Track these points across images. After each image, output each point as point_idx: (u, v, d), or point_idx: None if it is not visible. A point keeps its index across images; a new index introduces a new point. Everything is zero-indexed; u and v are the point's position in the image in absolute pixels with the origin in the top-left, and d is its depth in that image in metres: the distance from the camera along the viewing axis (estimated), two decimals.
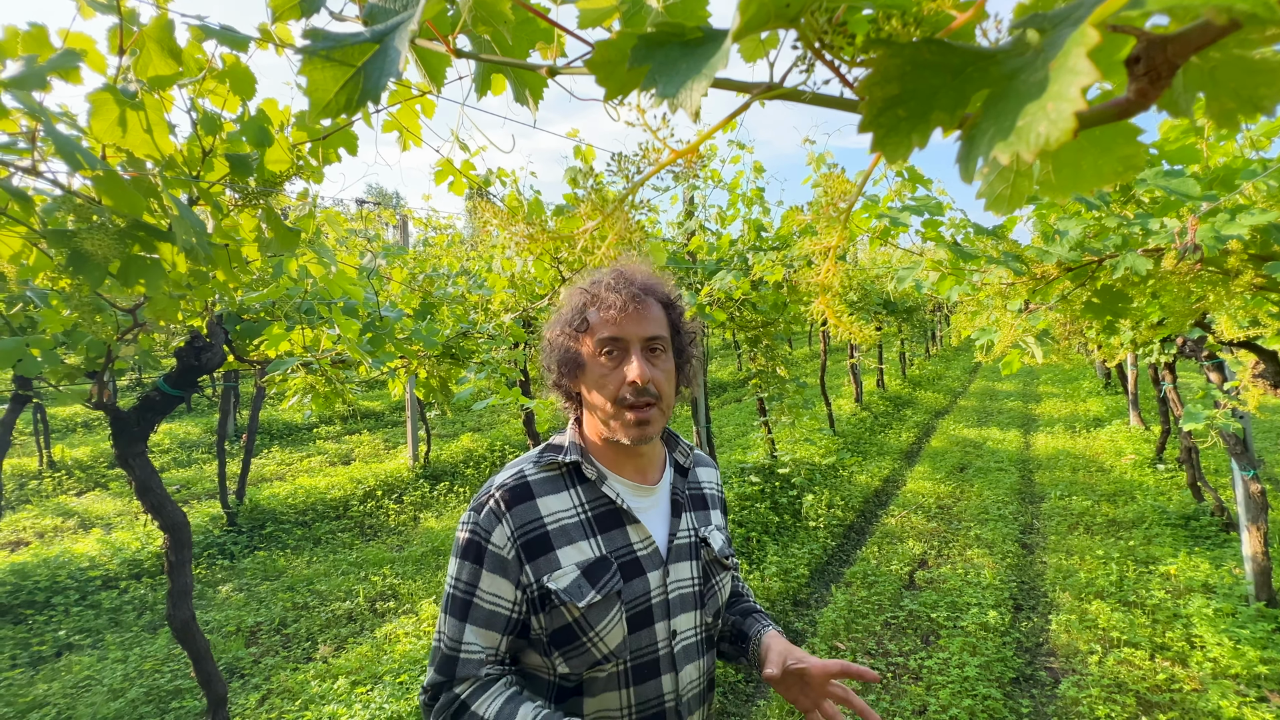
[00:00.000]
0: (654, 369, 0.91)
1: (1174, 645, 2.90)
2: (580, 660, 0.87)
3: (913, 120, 0.21)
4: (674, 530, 0.96)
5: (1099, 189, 1.62)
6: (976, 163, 0.20)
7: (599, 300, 0.92)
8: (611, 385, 0.90)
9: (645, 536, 0.93)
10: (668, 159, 0.32)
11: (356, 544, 4.78)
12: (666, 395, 0.93)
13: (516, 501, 0.89)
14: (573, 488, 0.93)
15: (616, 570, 0.88)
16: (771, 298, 3.64)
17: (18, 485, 5.98)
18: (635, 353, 0.90)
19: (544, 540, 0.88)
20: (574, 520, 0.90)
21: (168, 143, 0.90)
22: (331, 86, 0.32)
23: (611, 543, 0.90)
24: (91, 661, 3.15)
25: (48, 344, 1.67)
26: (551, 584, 0.85)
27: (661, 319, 0.94)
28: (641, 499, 0.96)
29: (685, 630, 0.94)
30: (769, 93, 0.31)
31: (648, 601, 0.90)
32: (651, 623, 0.90)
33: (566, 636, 0.86)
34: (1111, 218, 1.55)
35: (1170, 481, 5.04)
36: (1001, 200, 0.36)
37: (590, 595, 0.85)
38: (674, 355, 0.96)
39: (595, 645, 0.87)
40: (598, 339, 0.91)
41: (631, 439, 0.90)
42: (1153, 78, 0.22)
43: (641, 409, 0.89)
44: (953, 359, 15.83)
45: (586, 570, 0.87)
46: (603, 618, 0.86)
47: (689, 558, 0.96)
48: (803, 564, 3.94)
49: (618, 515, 0.92)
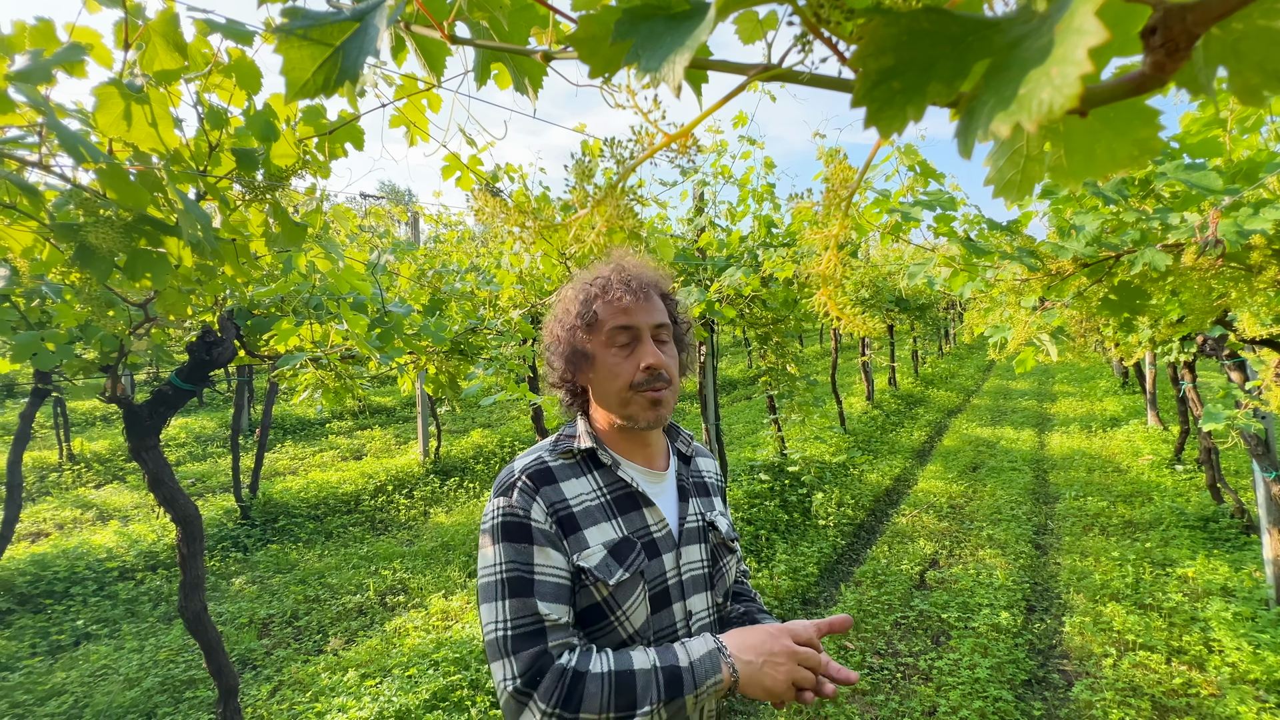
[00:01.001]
0: (664, 355, 0.96)
1: (1191, 649, 2.85)
2: (605, 641, 0.89)
3: (908, 93, 0.20)
4: (683, 514, 1.00)
5: (1114, 176, 1.58)
6: (975, 136, 0.19)
7: (606, 293, 0.96)
8: (626, 372, 0.94)
9: (660, 519, 0.96)
10: (660, 143, 0.31)
11: (367, 538, 4.82)
12: (675, 379, 0.97)
13: (542, 483, 0.91)
14: (590, 473, 0.96)
15: (641, 549, 0.91)
16: (782, 294, 3.61)
17: (38, 477, 6.09)
18: (648, 339, 0.95)
19: (572, 520, 0.90)
20: (596, 502, 0.93)
21: (173, 136, 0.90)
22: (309, 66, 0.31)
23: (631, 524, 0.93)
24: (108, 651, 3.21)
25: (63, 338, 1.69)
26: (582, 562, 0.87)
27: (663, 309, 0.99)
28: (653, 484, 0.99)
29: (699, 611, 0.97)
30: (766, 73, 0.30)
31: (664, 582, 0.93)
32: (669, 603, 0.93)
33: (594, 616, 0.88)
34: (1130, 212, 1.52)
35: (1189, 482, 4.95)
36: (1011, 186, 0.34)
37: (619, 573, 0.88)
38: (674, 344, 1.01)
39: (621, 624, 0.88)
40: (609, 329, 0.94)
41: (649, 420, 0.94)
42: (1170, 49, 0.20)
43: (657, 391, 0.94)
44: (966, 357, 15.65)
45: (613, 550, 0.89)
46: (629, 596, 0.88)
47: (698, 540, 1.00)
48: (812, 562, 3.92)
49: (634, 498, 0.95)
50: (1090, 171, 0.32)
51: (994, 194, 0.37)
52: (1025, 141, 0.35)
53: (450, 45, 0.49)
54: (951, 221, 1.81)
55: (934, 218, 1.74)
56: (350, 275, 1.93)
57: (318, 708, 2.65)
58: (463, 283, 3.51)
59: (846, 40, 0.27)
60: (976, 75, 0.20)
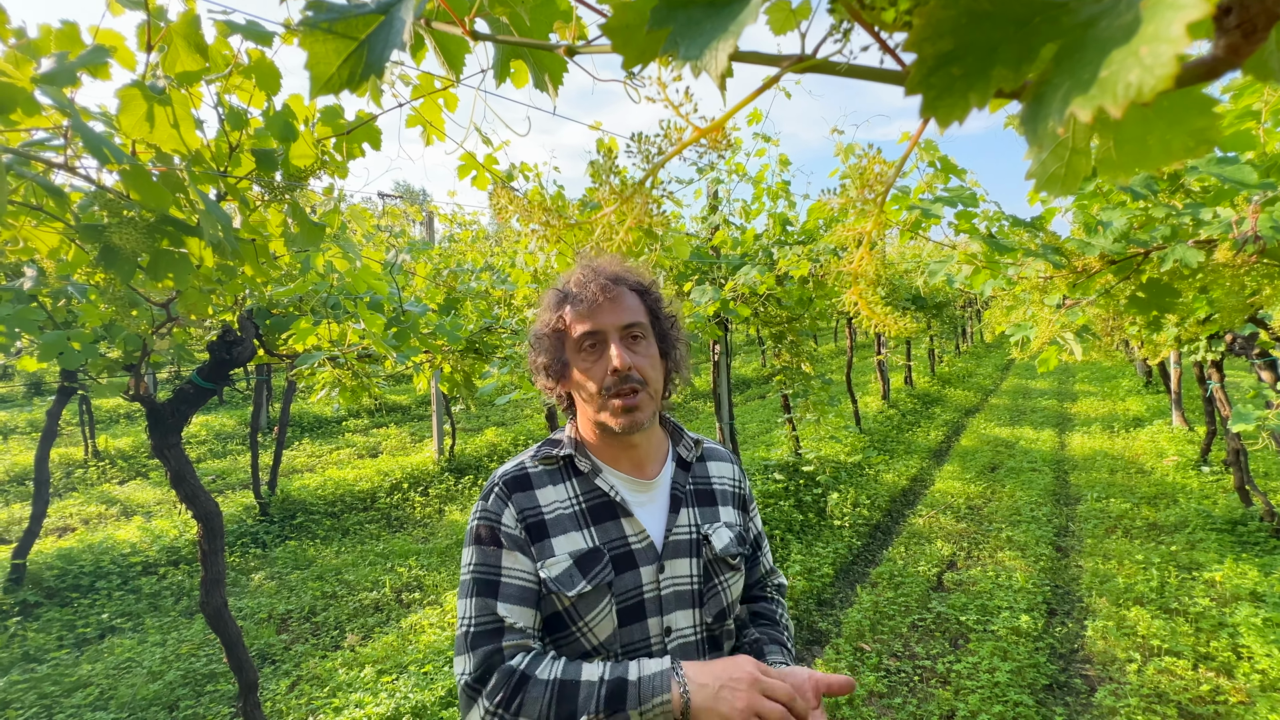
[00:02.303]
0: (635, 355, 0.92)
1: (1219, 655, 2.78)
2: (569, 650, 0.88)
3: (970, 79, 0.18)
4: (671, 525, 0.95)
5: (1161, 169, 1.54)
6: (1047, 124, 0.18)
7: (571, 297, 0.93)
8: (596, 377, 0.91)
9: (639, 530, 0.92)
10: (691, 137, 0.30)
11: (383, 535, 4.87)
12: (653, 381, 0.93)
13: (517, 489, 0.92)
14: (568, 480, 0.94)
15: (609, 561, 0.89)
16: (797, 293, 3.58)
17: (65, 473, 6.23)
18: (614, 341, 0.91)
19: (541, 528, 0.90)
20: (568, 511, 0.92)
21: (194, 137, 0.91)
22: (334, 60, 0.31)
23: (604, 534, 0.91)
24: (132, 644, 3.27)
25: (88, 337, 1.72)
26: (544, 572, 0.87)
27: (638, 306, 0.95)
28: (638, 493, 0.96)
29: (682, 628, 0.93)
30: (801, 64, 0.29)
31: (639, 595, 0.90)
32: (644, 617, 0.90)
33: (557, 624, 0.88)
34: (1160, 207, 1.48)
35: (1216, 484, 4.83)
36: (1055, 180, 0.32)
37: (580, 585, 0.86)
38: (656, 341, 0.97)
39: (584, 635, 0.87)
40: (576, 335, 0.92)
41: (621, 426, 0.91)
42: (1246, 31, 0.19)
43: (628, 395, 0.90)
44: (984, 356, 15.44)
45: (579, 560, 0.88)
46: (592, 608, 0.87)
47: (688, 554, 0.94)
48: (827, 563, 3.88)
49: (611, 508, 0.93)
50: (1142, 164, 0.30)
51: (1036, 188, 0.35)
52: (1072, 134, 0.33)
53: (470, 42, 0.48)
54: (973, 218, 1.78)
55: (955, 214, 1.70)
56: (367, 275, 1.94)
57: (335, 703, 2.68)
58: (477, 282, 3.52)
59: (888, 28, 0.26)
60: (1044, 59, 0.18)
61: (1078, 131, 0.32)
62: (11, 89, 0.75)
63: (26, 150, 0.89)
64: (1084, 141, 0.32)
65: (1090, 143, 0.32)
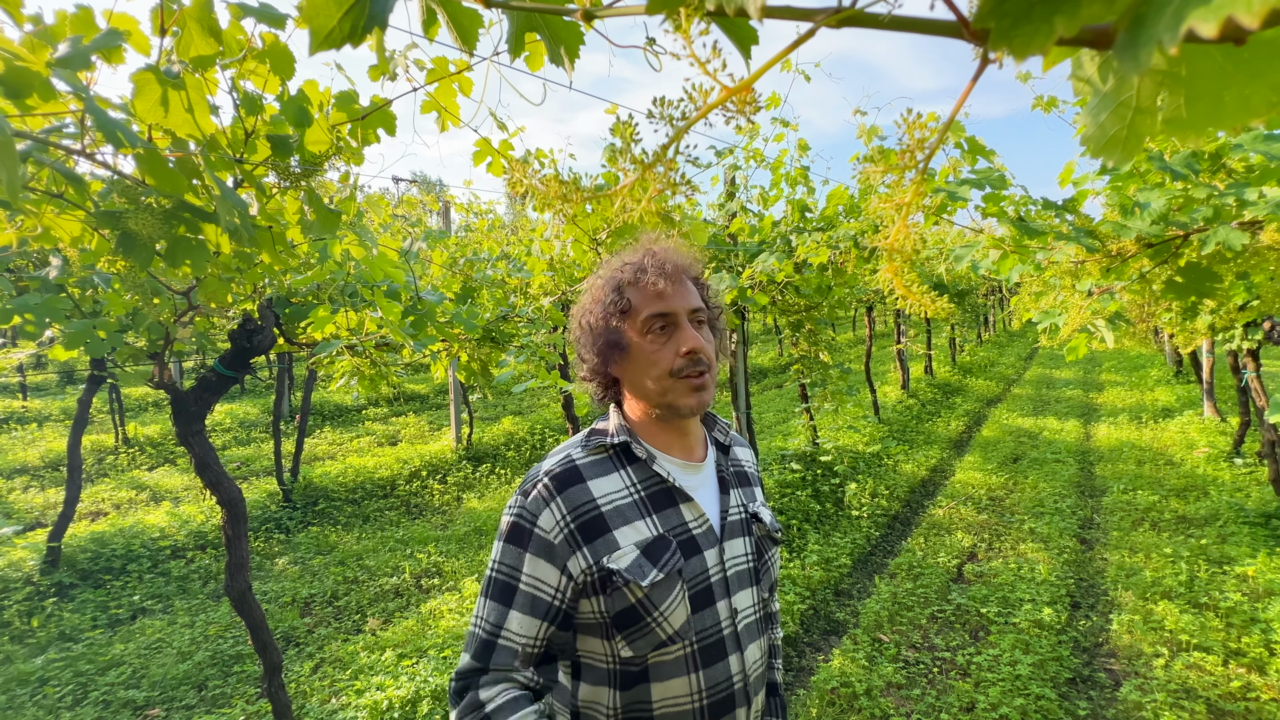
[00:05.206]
0: (702, 339, 0.93)
1: (1250, 651, 2.70)
2: (645, 642, 0.86)
3: (1053, 2, 0.16)
4: (725, 507, 0.96)
5: (1247, 129, 1.46)
6: (1150, 50, 0.15)
7: (640, 279, 0.93)
8: (665, 359, 0.91)
9: (699, 514, 0.93)
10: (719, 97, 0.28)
11: (403, 522, 4.94)
12: (714, 364, 0.95)
13: (567, 485, 0.89)
14: (623, 469, 0.93)
15: (676, 548, 0.88)
16: (815, 280, 3.52)
17: (96, 460, 6.41)
18: (685, 323, 0.92)
19: (600, 522, 0.87)
20: (628, 500, 0.90)
21: (209, 122, 0.90)
22: (335, 12, 0.29)
23: (667, 521, 0.90)
24: (162, 625, 3.36)
25: (113, 326, 1.75)
26: (612, 564, 0.85)
27: (697, 293, 0.97)
28: (691, 477, 0.96)
29: (745, 608, 0.94)
30: (838, 16, 0.27)
31: (707, 580, 0.90)
32: (713, 601, 0.90)
33: (630, 618, 0.86)
34: (1200, 188, 1.41)
35: (1249, 477, 4.69)
36: (1115, 144, 0.30)
37: (653, 574, 0.85)
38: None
39: (660, 626, 0.86)
40: (645, 317, 0.91)
41: (690, 407, 0.91)
42: None
43: (698, 376, 0.91)
44: (1006, 345, 15.15)
45: (646, 549, 0.87)
46: (666, 596, 0.86)
47: (742, 534, 0.97)
48: (845, 553, 3.85)
49: (670, 494, 0.92)
50: (1217, 122, 0.27)
51: (1092, 153, 0.33)
52: (1135, 91, 0.30)
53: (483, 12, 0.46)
54: (1001, 201, 1.72)
55: (982, 197, 1.65)
56: (384, 262, 1.94)
57: (357, 685, 2.73)
58: (494, 270, 3.52)
59: None
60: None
61: (1143, 88, 0.29)
62: (27, 73, 0.75)
63: (45, 137, 0.89)
64: (1150, 99, 0.29)
65: (1157, 101, 0.29)
